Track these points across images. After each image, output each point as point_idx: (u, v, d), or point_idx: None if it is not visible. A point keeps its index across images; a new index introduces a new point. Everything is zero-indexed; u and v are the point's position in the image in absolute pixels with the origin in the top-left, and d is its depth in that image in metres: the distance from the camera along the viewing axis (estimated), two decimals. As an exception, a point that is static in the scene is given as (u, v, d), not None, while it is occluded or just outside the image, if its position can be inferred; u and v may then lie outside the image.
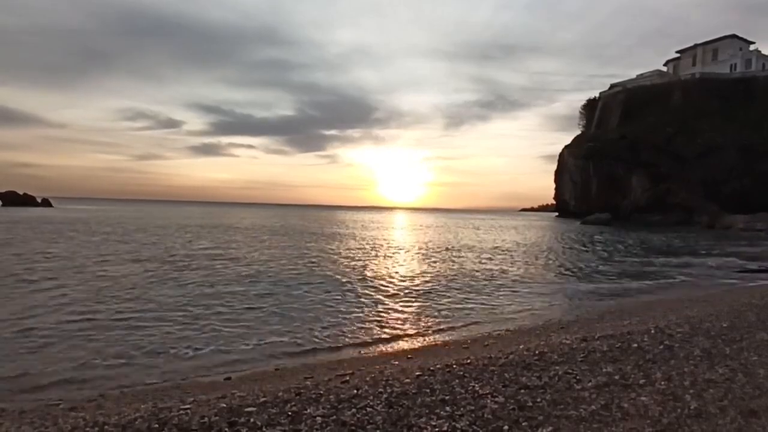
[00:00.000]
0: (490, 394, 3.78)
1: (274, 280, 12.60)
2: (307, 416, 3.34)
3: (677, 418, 3.31)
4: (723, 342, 5.46)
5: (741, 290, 10.73)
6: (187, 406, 3.61)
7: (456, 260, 18.56)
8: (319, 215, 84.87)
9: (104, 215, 51.70)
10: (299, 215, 78.50)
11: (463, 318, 9.01)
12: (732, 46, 70.66)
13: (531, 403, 3.57)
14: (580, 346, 5.30)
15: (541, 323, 8.45)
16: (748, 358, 4.82)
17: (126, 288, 10.70)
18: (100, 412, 3.79)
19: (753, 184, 56.06)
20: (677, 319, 6.86)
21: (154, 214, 60.03)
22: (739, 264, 18.96)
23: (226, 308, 9.13)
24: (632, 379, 4.13)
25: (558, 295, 11.92)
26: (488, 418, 3.31)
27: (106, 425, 3.28)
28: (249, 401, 3.69)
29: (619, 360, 4.76)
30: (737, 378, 4.17)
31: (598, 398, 3.69)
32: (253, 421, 3.27)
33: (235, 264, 15.54)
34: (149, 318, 8.16)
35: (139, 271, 13.32)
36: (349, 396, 3.76)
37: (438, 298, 10.78)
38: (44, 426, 3.47)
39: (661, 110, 65.43)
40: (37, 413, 4.01)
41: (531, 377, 4.21)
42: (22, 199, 63.81)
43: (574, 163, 74.30)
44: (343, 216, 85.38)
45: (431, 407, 3.51)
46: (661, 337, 5.67)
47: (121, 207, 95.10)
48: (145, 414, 3.47)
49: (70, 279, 11.63)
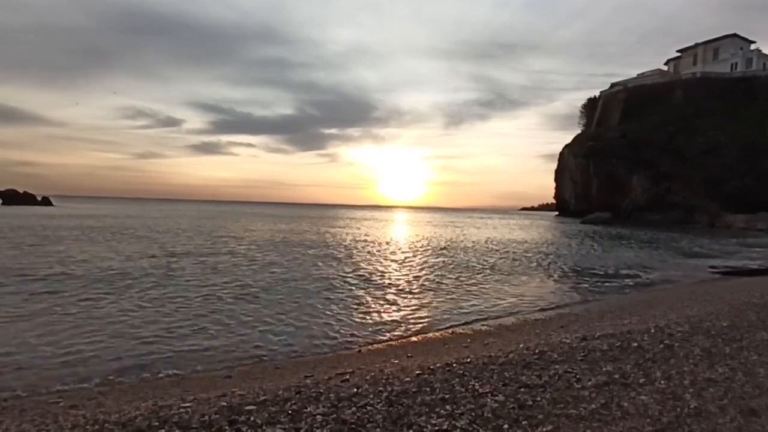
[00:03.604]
0: (490, 392, 3.78)
1: (274, 278, 12.60)
2: (308, 414, 3.35)
3: (677, 417, 3.31)
4: (723, 341, 5.46)
5: (741, 289, 10.72)
6: (187, 404, 3.61)
7: (455, 259, 18.56)
8: (319, 214, 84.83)
9: (115, 216, 51.62)
10: (299, 215, 78.47)
11: (462, 316, 9.01)
12: (733, 45, 70.59)
13: (531, 402, 3.58)
14: (579, 345, 5.30)
15: (541, 322, 8.45)
16: (748, 357, 4.82)
17: (125, 287, 10.71)
18: (101, 410, 3.79)
19: (754, 182, 56.05)
20: (677, 318, 6.86)
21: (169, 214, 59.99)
22: (739, 264, 18.96)
23: (226, 306, 9.13)
24: (632, 378, 4.13)
25: (558, 294, 11.92)
26: (488, 416, 3.31)
27: (107, 423, 3.28)
28: (249, 399, 3.70)
29: (618, 359, 4.76)
30: (737, 377, 4.17)
31: (598, 397, 3.69)
32: (254, 419, 3.27)
33: (235, 263, 15.54)
34: (149, 316, 8.18)
35: (139, 268, 13.32)
36: (350, 394, 3.76)
37: (437, 297, 10.79)
38: (44, 424, 3.47)
39: (662, 109, 65.39)
40: (38, 411, 4.01)
41: (531, 376, 4.21)
42: (23, 197, 63.79)
43: (575, 162, 74.20)
44: (342, 214, 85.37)
45: (431, 406, 3.51)
46: (661, 336, 5.67)
47: (122, 206, 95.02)
48: (145, 412, 3.47)
49: (68, 279, 11.63)
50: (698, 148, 59.50)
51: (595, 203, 65.90)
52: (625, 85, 75.26)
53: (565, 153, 79.62)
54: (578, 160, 73.04)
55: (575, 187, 74.76)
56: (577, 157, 73.71)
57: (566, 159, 78.44)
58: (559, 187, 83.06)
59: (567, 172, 77.87)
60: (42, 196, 68.02)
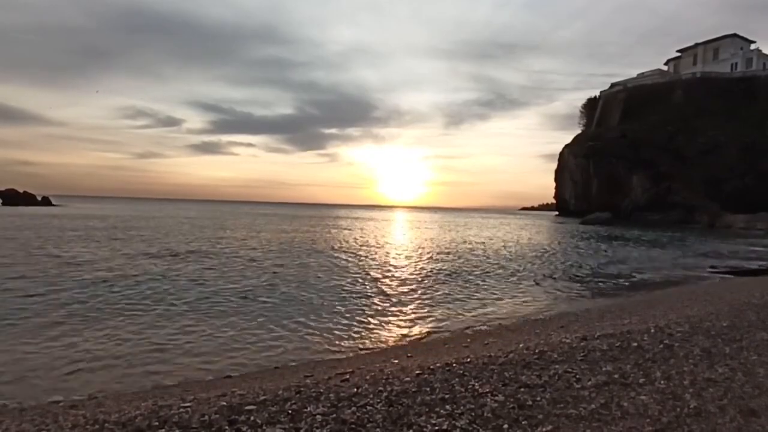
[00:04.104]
0: (489, 392, 3.78)
1: (274, 278, 12.61)
2: (308, 414, 3.35)
3: (677, 417, 3.31)
4: (723, 341, 5.46)
5: (741, 289, 10.72)
6: (187, 404, 3.61)
7: (455, 258, 18.56)
8: (319, 214, 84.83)
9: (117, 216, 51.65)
10: (300, 215, 78.45)
11: (462, 316, 9.02)
12: (733, 45, 70.62)
13: (531, 402, 3.58)
14: (579, 345, 5.30)
15: (541, 322, 8.45)
16: (748, 357, 4.82)
17: (123, 286, 10.71)
18: (101, 410, 3.79)
19: (754, 182, 56.09)
20: (677, 318, 6.86)
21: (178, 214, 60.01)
22: (738, 263, 18.96)
23: (225, 306, 9.14)
24: (632, 378, 4.13)
25: (557, 293, 11.92)
26: (488, 416, 3.31)
27: (107, 423, 3.28)
28: (249, 399, 3.69)
29: (618, 359, 4.76)
30: (737, 377, 4.17)
31: (598, 397, 3.69)
32: (254, 419, 3.27)
33: (235, 263, 15.54)
34: (149, 316, 8.18)
35: (141, 268, 13.32)
36: (349, 394, 3.76)
37: (437, 296, 10.79)
38: (44, 424, 3.47)
39: (662, 109, 65.41)
40: (38, 411, 4.01)
41: (531, 376, 4.21)
42: (23, 197, 63.79)
43: (575, 162, 74.22)
44: (343, 214, 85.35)
45: (431, 406, 3.51)
46: (660, 336, 5.67)
47: (122, 206, 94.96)
48: (145, 412, 3.47)
49: (67, 277, 11.64)
50: (698, 148, 59.52)
51: (595, 203, 65.90)
52: (625, 85, 75.26)
53: (565, 153, 79.63)
54: (578, 160, 73.05)
55: (575, 187, 74.77)
56: (577, 157, 73.71)
57: (566, 159, 78.45)
58: (559, 187, 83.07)
59: (567, 172, 77.88)
60: (42, 195, 68.04)
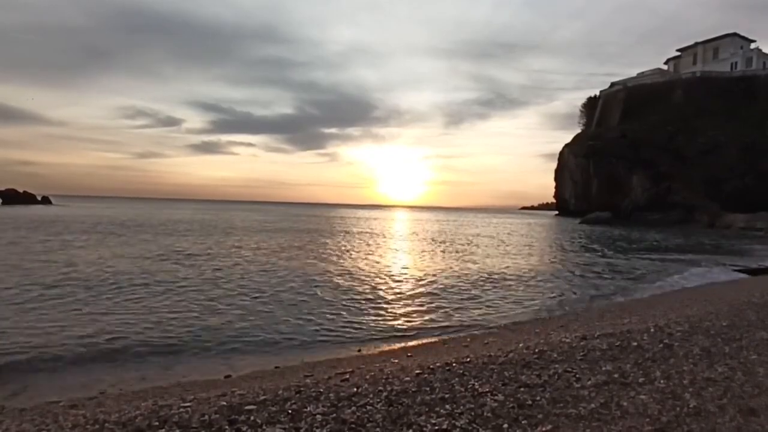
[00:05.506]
0: (489, 392, 3.79)
1: (273, 278, 12.61)
2: (308, 414, 3.35)
3: (676, 416, 3.31)
4: (722, 341, 5.46)
5: (740, 288, 10.73)
6: (187, 404, 3.61)
7: (455, 258, 18.56)
8: (319, 214, 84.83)
9: (118, 216, 51.61)
10: (300, 215, 78.46)
11: (462, 316, 9.02)
12: (733, 44, 70.54)
13: (530, 402, 3.58)
14: (579, 345, 5.30)
15: (541, 321, 8.45)
16: (747, 356, 4.82)
17: (123, 286, 10.71)
18: (101, 410, 3.79)
19: (754, 182, 56.03)
20: (677, 318, 6.86)
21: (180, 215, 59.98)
22: (737, 263, 18.95)
23: (225, 306, 9.14)
24: (631, 378, 4.14)
25: (557, 293, 11.92)
26: (488, 416, 3.31)
27: (107, 423, 3.28)
28: (249, 399, 3.70)
29: (618, 358, 4.76)
30: (736, 377, 4.17)
31: (598, 397, 3.69)
32: (254, 418, 3.27)
33: (236, 264, 15.54)
34: (149, 316, 8.18)
35: (135, 269, 13.32)
36: (349, 394, 3.76)
37: (437, 296, 10.79)
38: (45, 423, 3.47)
39: (662, 109, 65.34)
40: (38, 411, 4.01)
41: (530, 375, 4.21)
42: (23, 197, 63.85)
43: (575, 162, 74.18)
44: (343, 214, 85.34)
45: (431, 405, 3.52)
46: (660, 336, 5.67)
47: (123, 206, 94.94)
48: (145, 412, 3.47)
49: (69, 278, 11.64)
50: (698, 148, 59.46)
51: (595, 203, 65.85)
52: (624, 84, 75.19)
53: (565, 152, 79.59)
54: (578, 159, 73.01)
55: (575, 186, 74.72)
56: (577, 156, 73.67)
57: (566, 158, 78.41)
58: (559, 186, 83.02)
59: (567, 172, 77.83)
60: (42, 195, 68.09)
